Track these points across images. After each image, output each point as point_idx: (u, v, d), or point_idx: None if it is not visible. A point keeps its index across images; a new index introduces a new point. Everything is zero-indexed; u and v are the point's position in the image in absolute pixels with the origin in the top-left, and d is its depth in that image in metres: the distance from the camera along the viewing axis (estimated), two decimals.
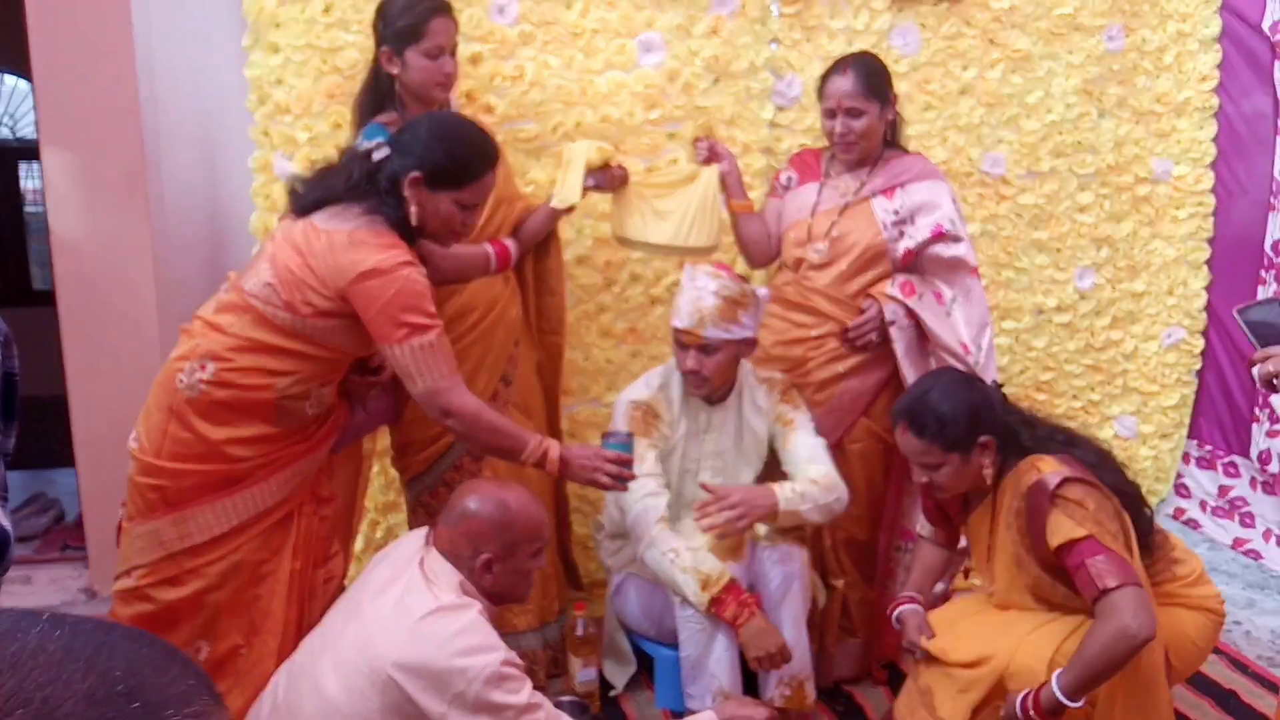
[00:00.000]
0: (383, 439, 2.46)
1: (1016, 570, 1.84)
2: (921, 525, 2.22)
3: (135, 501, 1.75)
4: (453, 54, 2.17)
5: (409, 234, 1.78)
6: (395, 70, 2.13)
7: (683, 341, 2.19)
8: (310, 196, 1.77)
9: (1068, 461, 1.79)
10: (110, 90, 2.68)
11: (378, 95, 2.20)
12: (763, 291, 2.27)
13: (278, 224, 1.88)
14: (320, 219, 1.73)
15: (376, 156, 1.78)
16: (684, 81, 2.72)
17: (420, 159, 1.76)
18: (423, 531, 1.76)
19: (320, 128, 2.49)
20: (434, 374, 1.73)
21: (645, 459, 2.18)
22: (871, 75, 2.30)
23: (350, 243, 1.69)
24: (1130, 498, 1.84)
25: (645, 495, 2.17)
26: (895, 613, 2.04)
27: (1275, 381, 1.71)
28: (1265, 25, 2.96)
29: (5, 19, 2.87)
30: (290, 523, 1.82)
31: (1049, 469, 1.76)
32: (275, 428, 1.76)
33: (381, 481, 2.69)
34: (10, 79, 5.72)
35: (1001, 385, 2.02)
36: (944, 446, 1.84)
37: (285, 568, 1.81)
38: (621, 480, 1.91)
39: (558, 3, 2.63)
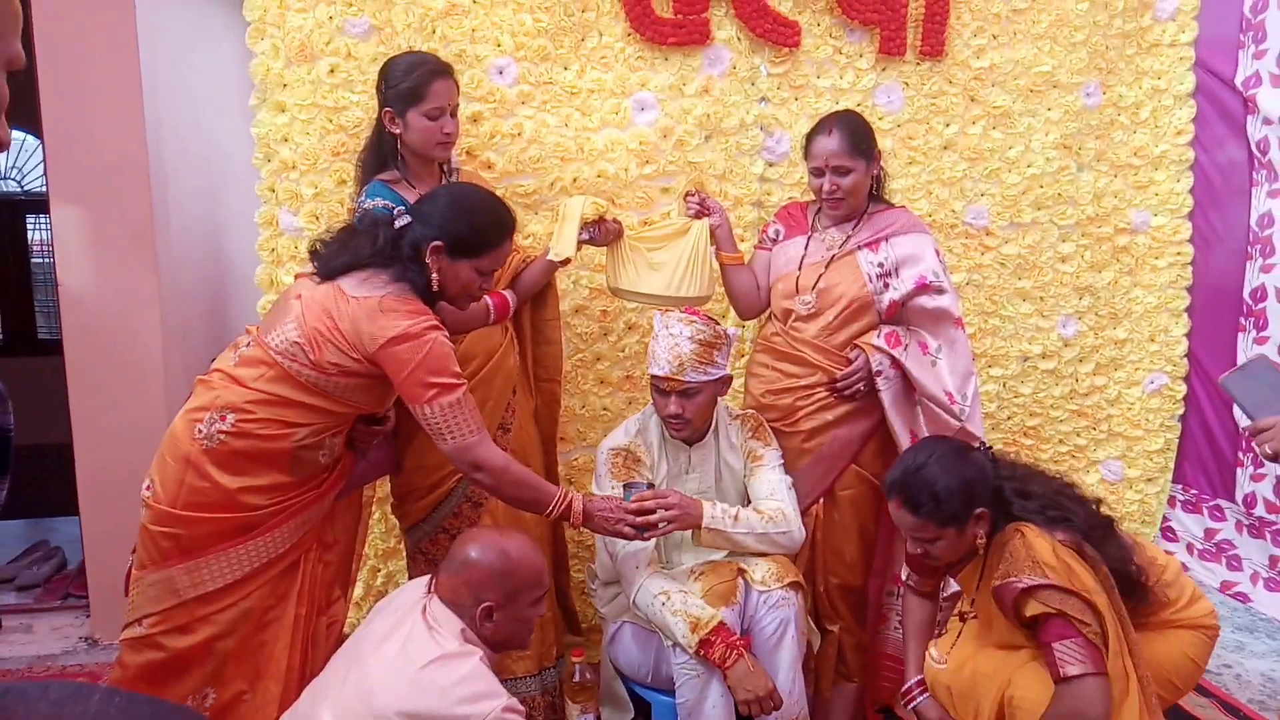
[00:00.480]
0: (383, 486, 2.51)
1: (1004, 623, 1.87)
2: (906, 573, 2.26)
3: (148, 549, 1.78)
4: (453, 114, 2.25)
5: (430, 298, 1.87)
6: (397, 130, 2.22)
7: (663, 388, 2.24)
8: (337, 261, 1.85)
9: (1053, 536, 1.81)
10: (119, 147, 2.76)
11: (380, 153, 2.28)
12: (733, 331, 2.32)
13: (297, 281, 1.95)
14: (348, 285, 1.81)
15: (399, 224, 1.87)
16: (677, 138, 2.81)
17: (441, 228, 1.86)
18: (424, 580, 1.80)
19: (325, 183, 2.57)
20: (462, 430, 1.83)
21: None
22: (857, 134, 2.38)
23: (380, 309, 1.77)
24: (1119, 560, 1.87)
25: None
26: (911, 704, 2.07)
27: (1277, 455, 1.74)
28: (1238, 80, 3.07)
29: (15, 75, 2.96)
30: (296, 569, 1.87)
31: (1028, 567, 1.75)
32: (290, 476, 1.82)
33: (382, 528, 2.74)
34: (18, 134, 5.83)
35: (990, 448, 2.04)
36: (939, 523, 1.86)
37: (290, 614, 1.85)
38: (644, 530, 1.99)
39: (555, 64, 2.73)
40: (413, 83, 2.17)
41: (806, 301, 2.44)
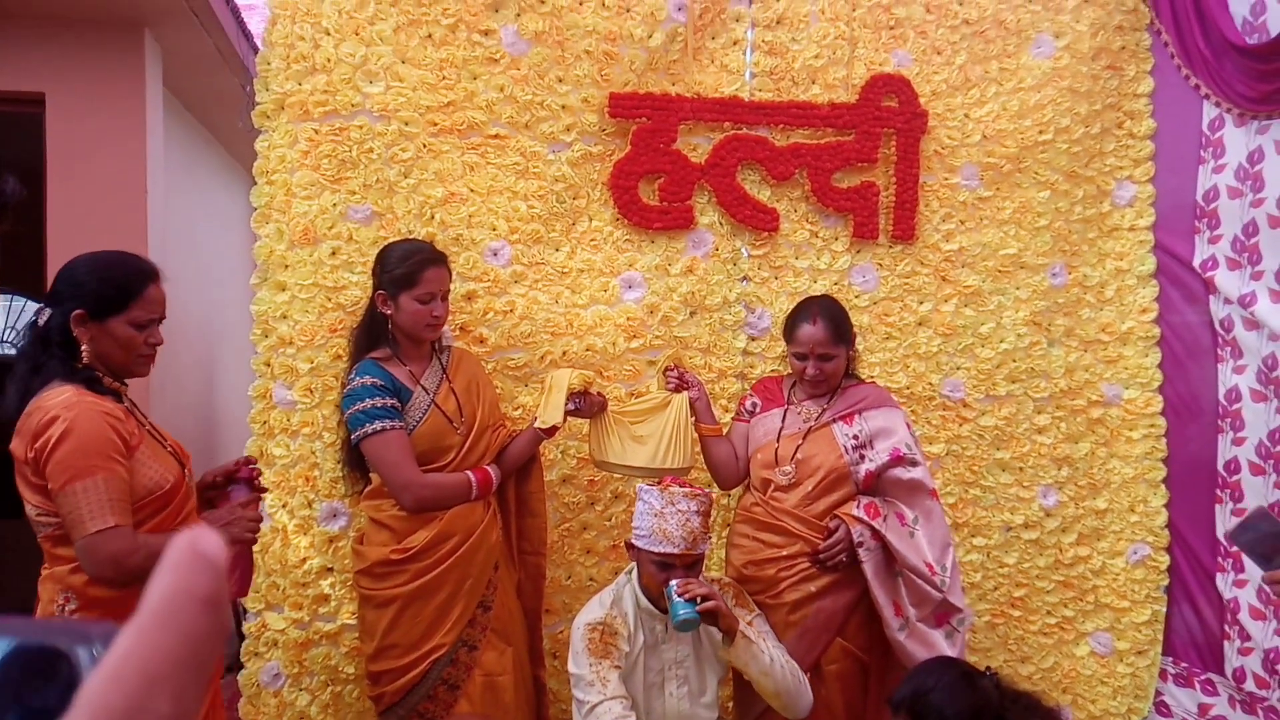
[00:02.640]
0: (360, 664, 2.48)
1: None
2: None
3: None
4: (444, 299, 2.36)
5: (92, 379, 1.76)
6: (389, 311, 2.33)
7: (673, 564, 2.22)
8: (12, 405, 1.74)
9: None
10: None
11: (372, 333, 2.38)
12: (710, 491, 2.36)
13: None
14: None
15: (42, 320, 1.78)
16: (663, 314, 2.94)
17: (75, 297, 1.76)
18: None
19: (321, 359, 2.66)
20: (101, 517, 1.65)
21: (609, 681, 2.19)
22: (839, 324, 2.51)
23: (27, 416, 1.69)
24: None
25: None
26: None
27: None
28: (1195, 263, 3.23)
29: (26, 249, 3.09)
30: None
31: None
32: None
33: (360, 708, 2.68)
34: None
35: (996, 673, 2.07)
36: None
37: None
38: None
39: (547, 246, 2.88)
40: (407, 269, 2.28)
41: (786, 472, 2.50)
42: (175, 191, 3.02)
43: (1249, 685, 3.00)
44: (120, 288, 1.80)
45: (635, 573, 2.32)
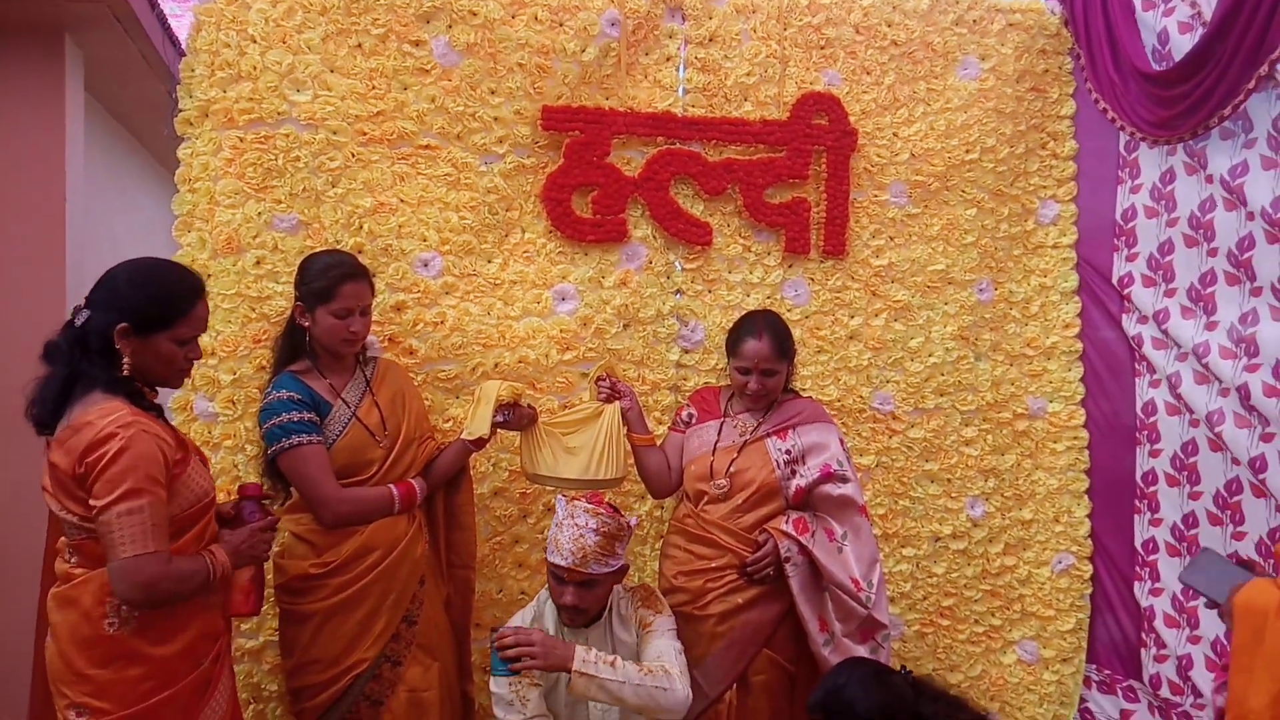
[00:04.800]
0: (283, 681, 2.42)
1: None
2: None
3: None
4: (364, 313, 2.31)
5: (132, 389, 1.76)
6: (306, 324, 2.29)
7: (562, 577, 2.20)
8: (46, 407, 1.73)
9: None
10: (40, 330, 2.77)
11: (292, 344, 2.35)
12: (633, 520, 2.33)
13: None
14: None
15: (79, 320, 1.76)
16: (596, 326, 2.94)
17: (122, 309, 1.75)
18: None
19: (244, 370, 2.61)
20: (145, 542, 1.66)
21: (529, 700, 2.17)
22: (783, 340, 2.54)
23: (72, 430, 1.68)
24: None
25: None
26: None
27: None
28: (1114, 279, 3.33)
29: None
30: None
31: None
32: (202, 606, 1.80)
33: None
34: None
35: (910, 672, 2.09)
36: None
37: None
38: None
39: (479, 257, 2.87)
40: (325, 283, 2.25)
41: (720, 485, 2.51)
42: (97, 198, 2.95)
43: (1164, 692, 3.08)
44: (168, 305, 1.79)
45: None
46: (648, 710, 2.11)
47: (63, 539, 1.76)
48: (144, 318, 1.76)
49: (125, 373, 1.75)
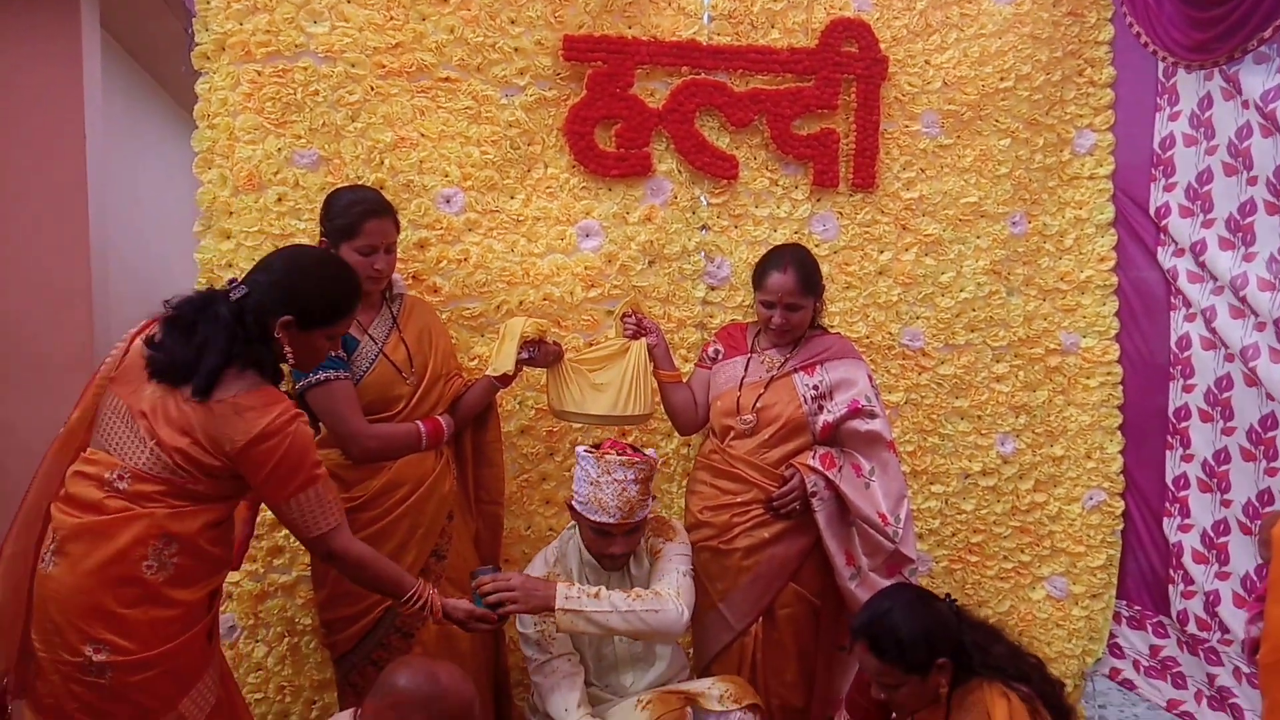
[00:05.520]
0: (315, 615, 2.46)
1: None
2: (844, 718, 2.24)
3: (128, 712, 1.67)
4: (388, 250, 2.28)
5: (277, 372, 1.81)
6: None
7: (610, 532, 2.21)
8: (212, 379, 1.70)
9: (1012, 694, 1.85)
10: (64, 273, 2.79)
11: None
12: (651, 453, 2.32)
13: (113, 389, 1.77)
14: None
15: (235, 295, 1.75)
16: (621, 263, 2.90)
17: (288, 303, 1.76)
18: (349, 713, 1.75)
19: None
20: (323, 520, 1.78)
21: (555, 639, 2.20)
22: (810, 274, 2.49)
23: (235, 411, 1.68)
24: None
25: (561, 679, 2.19)
26: None
27: None
28: (1151, 210, 3.24)
29: None
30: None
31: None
32: (226, 558, 1.84)
33: (317, 659, 2.67)
34: None
35: (955, 600, 2.08)
36: (904, 669, 1.90)
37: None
38: (488, 623, 2.02)
39: (502, 193, 2.83)
40: (349, 219, 2.22)
41: (747, 420, 2.49)
42: (115, 138, 2.93)
43: (1191, 628, 3.06)
44: (335, 305, 1.83)
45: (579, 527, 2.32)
46: (642, 635, 2.13)
47: (117, 466, 1.69)
48: (311, 314, 1.79)
49: (290, 363, 1.80)
